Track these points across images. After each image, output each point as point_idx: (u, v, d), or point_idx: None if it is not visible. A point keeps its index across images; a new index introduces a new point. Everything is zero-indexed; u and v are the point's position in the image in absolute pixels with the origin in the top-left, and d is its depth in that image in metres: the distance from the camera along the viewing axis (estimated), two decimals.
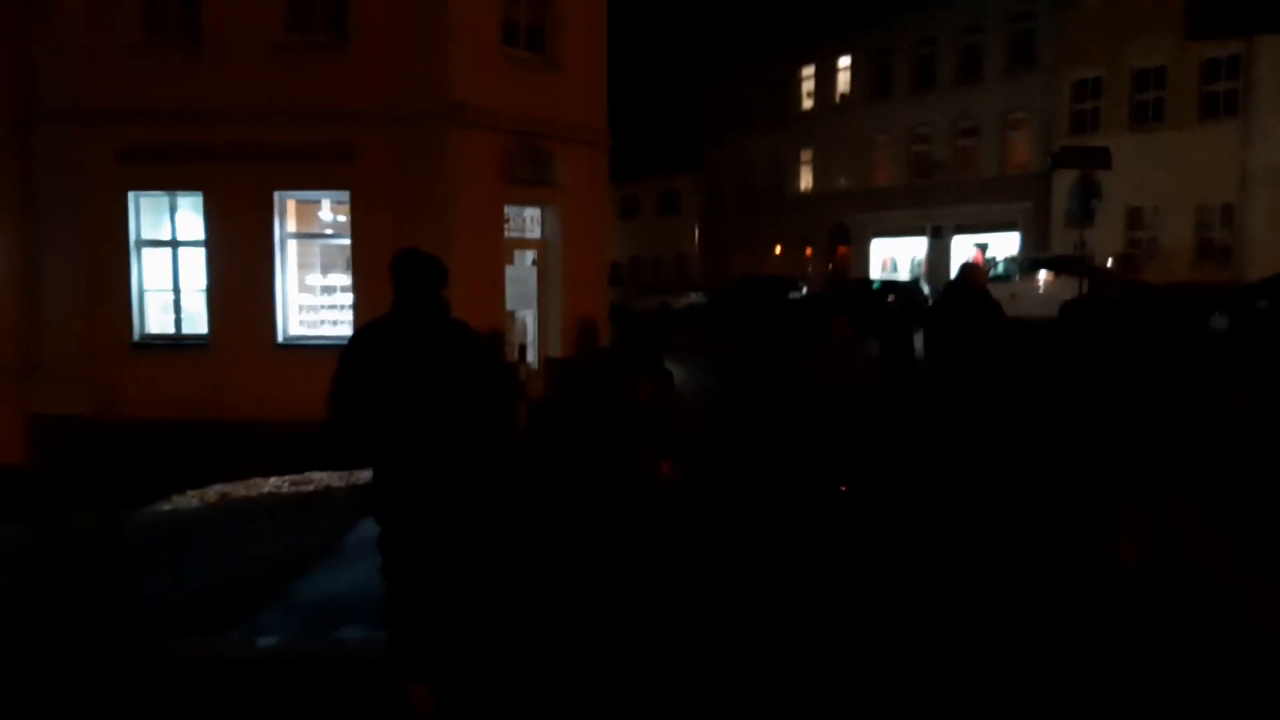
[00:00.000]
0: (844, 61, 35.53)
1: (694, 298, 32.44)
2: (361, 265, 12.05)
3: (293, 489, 8.01)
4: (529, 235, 13.48)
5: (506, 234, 12.92)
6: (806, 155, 37.36)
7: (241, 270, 12.35)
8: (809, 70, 37.03)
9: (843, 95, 35.84)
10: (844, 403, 5.48)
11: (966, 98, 30.70)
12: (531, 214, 13.49)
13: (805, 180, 37.69)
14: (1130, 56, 26.03)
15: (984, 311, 7.33)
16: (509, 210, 13.05)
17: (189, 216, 12.76)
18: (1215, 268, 24.18)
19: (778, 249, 38.12)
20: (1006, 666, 3.89)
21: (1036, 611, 4.25)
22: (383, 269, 3.95)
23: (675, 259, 44.10)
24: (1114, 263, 22.71)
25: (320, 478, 8.24)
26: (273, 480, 8.11)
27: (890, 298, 25.46)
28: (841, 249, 35.57)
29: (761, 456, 5.68)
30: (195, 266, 12.60)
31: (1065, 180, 27.39)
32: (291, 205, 12.84)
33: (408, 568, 3.81)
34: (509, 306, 12.27)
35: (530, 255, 13.42)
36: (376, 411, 3.72)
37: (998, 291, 23.88)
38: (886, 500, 5.27)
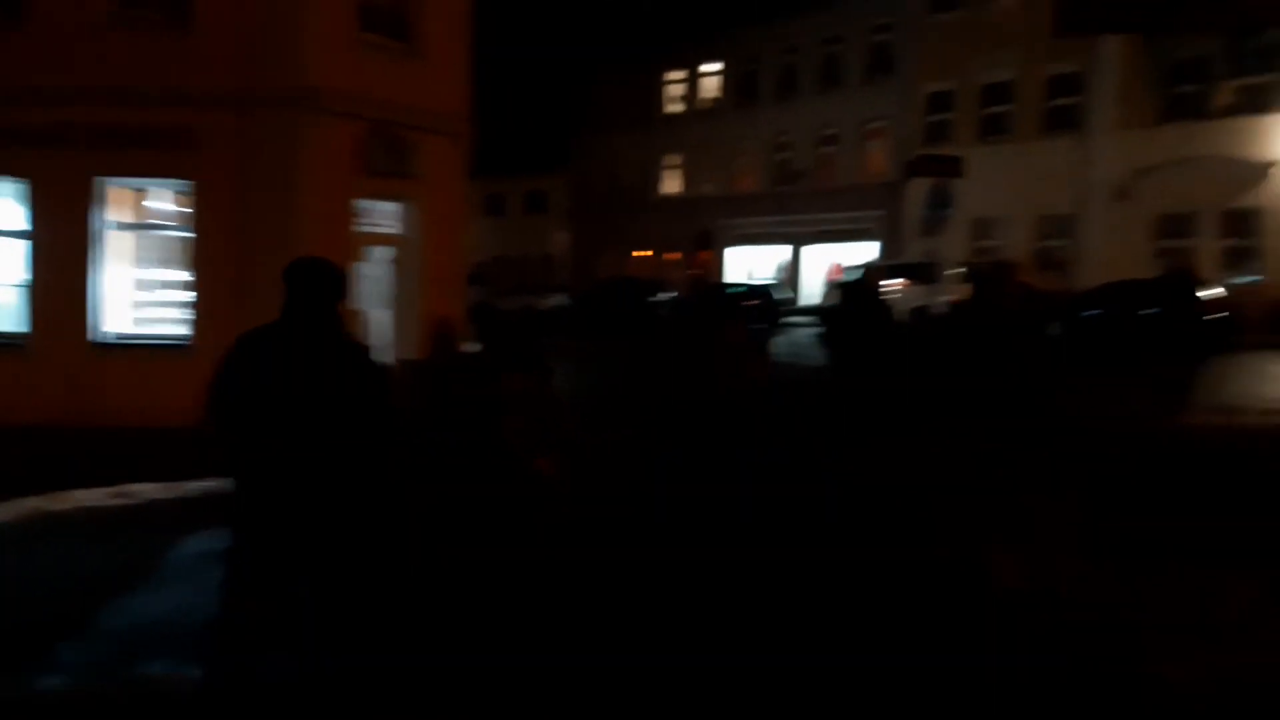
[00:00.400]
0: (712, 67, 35.93)
1: (558, 299, 32.14)
2: (203, 259, 11.24)
3: (112, 502, 7.31)
4: (385, 230, 12.89)
5: (360, 228, 12.31)
6: (674, 159, 37.59)
7: (60, 263, 11.37)
8: (678, 74, 37.29)
9: (711, 100, 36.24)
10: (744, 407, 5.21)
11: (827, 106, 31.49)
12: (388, 208, 12.91)
13: (672, 184, 37.92)
14: (980, 71, 27.20)
15: (883, 315, 7.44)
16: (363, 204, 12.44)
17: (12, 205, 11.69)
18: (1055, 277, 25.48)
19: (644, 252, 38.21)
20: (872, 685, 3.74)
21: (911, 629, 4.13)
22: (225, 263, 3.59)
23: (541, 259, 43.62)
24: (972, 270, 23.60)
25: (143, 490, 7.55)
26: (90, 492, 7.38)
27: (749, 301, 25.82)
28: (703, 254, 35.87)
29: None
30: (17, 259, 11.56)
31: (919, 189, 28.44)
32: (124, 195, 11.92)
33: (258, 586, 3.55)
34: (361, 305, 11.68)
35: (385, 252, 12.83)
36: (252, 423, 3.52)
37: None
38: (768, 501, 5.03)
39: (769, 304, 26.06)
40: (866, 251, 30.10)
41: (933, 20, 28.38)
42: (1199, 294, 18.53)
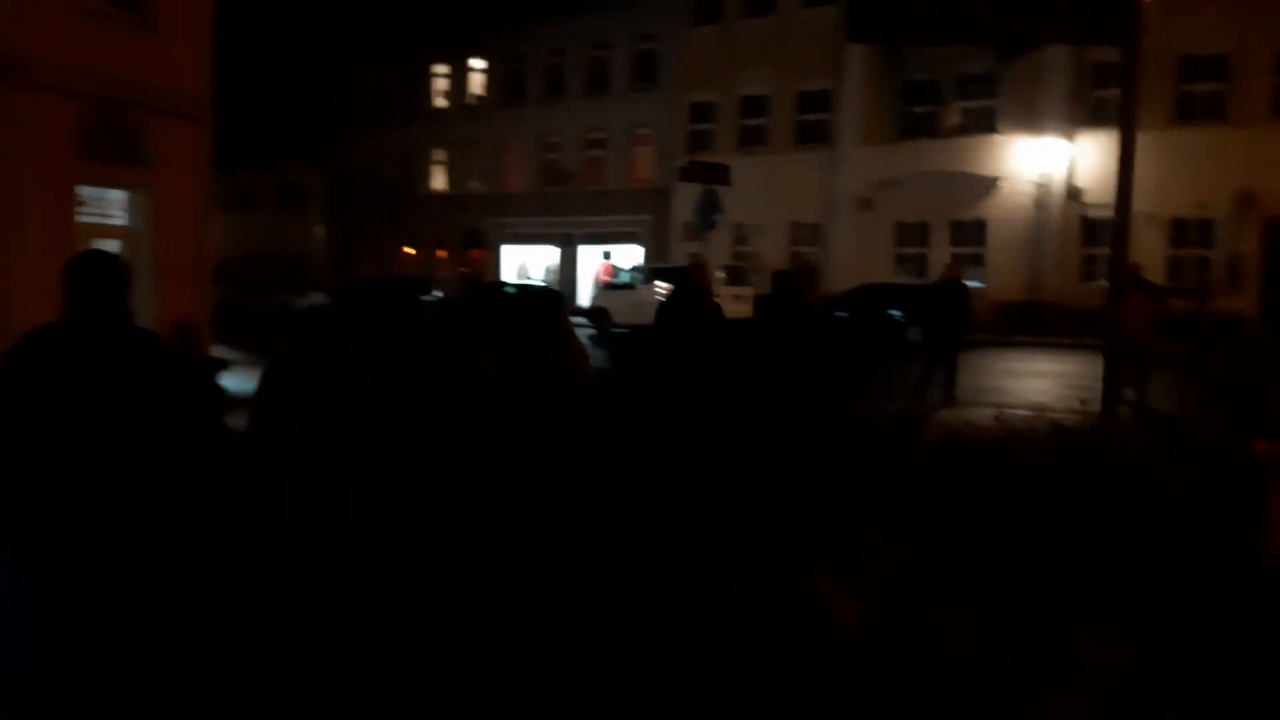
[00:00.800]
0: (477, 63, 35.32)
1: (317, 298, 30.51)
2: None
3: None
4: (114, 222, 11.58)
5: (82, 218, 10.98)
6: (440, 155, 36.66)
7: None
8: (442, 69, 36.38)
9: (476, 97, 35.62)
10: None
11: (595, 110, 31.75)
12: (117, 197, 11.61)
13: (438, 180, 36.98)
14: (739, 84, 28.33)
15: (709, 314, 7.03)
16: (86, 191, 11.11)
17: None
18: None
19: (409, 249, 37.04)
20: None
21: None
22: None
23: (297, 256, 41.25)
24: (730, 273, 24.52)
25: None
26: None
27: None
28: (475, 253, 35.28)
29: None
30: None
31: (685, 195, 29.26)
32: None
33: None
34: None
35: (113, 245, 11.52)
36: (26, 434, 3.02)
37: (624, 298, 25.02)
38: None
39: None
40: (634, 254, 30.61)
41: (695, 33, 29.28)
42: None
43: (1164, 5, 21.91)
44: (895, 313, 20.87)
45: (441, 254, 36.15)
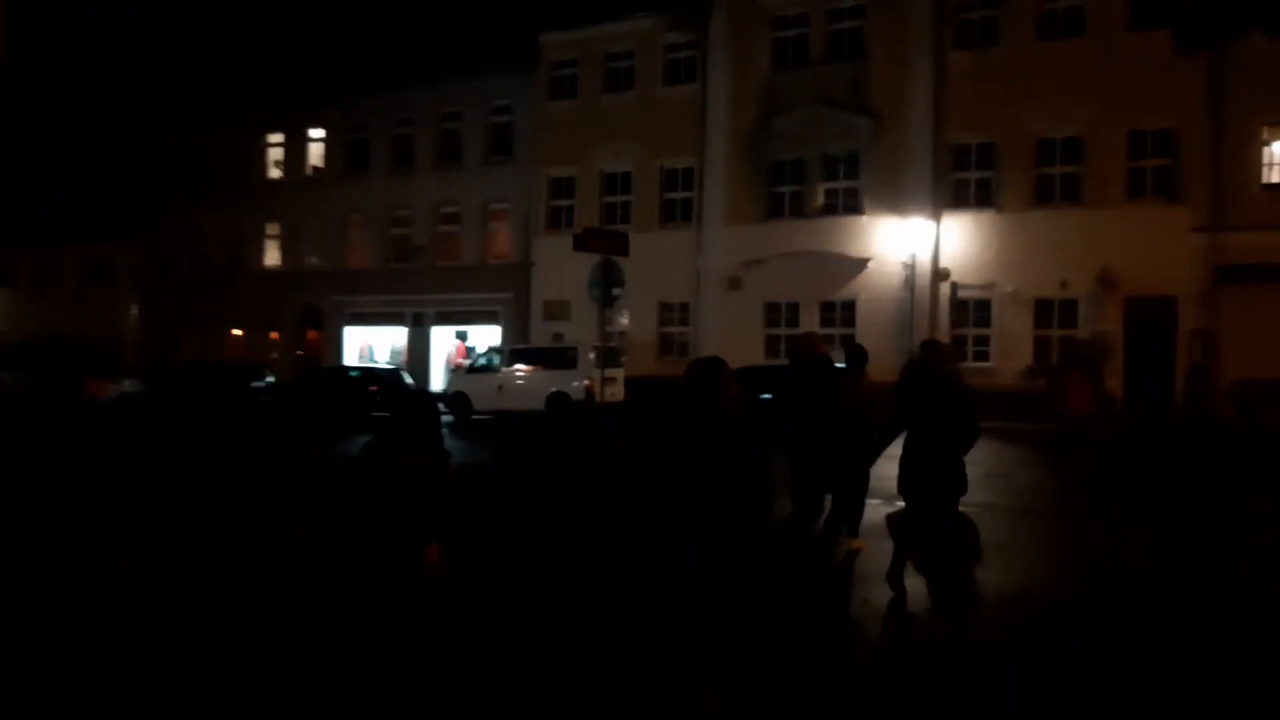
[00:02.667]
0: (316, 132, 33.03)
1: (127, 385, 27.11)
2: None
3: None
4: None
5: None
6: (273, 229, 33.85)
7: None
8: (277, 138, 33.83)
9: (314, 168, 33.24)
10: None
11: (447, 183, 30.02)
12: None
13: (271, 256, 34.08)
14: (601, 160, 27.33)
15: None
16: None
17: None
18: (677, 362, 25.85)
19: (237, 331, 33.80)
20: None
21: None
22: None
23: (107, 338, 37.10)
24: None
25: None
26: None
27: (373, 387, 23.28)
28: (311, 334, 32.50)
29: None
30: None
31: (546, 271, 27.88)
32: None
33: None
34: None
35: None
36: None
37: (485, 382, 23.09)
38: None
39: (396, 389, 23.67)
40: (492, 335, 28.77)
41: (551, 106, 28.20)
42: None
43: (1021, 90, 22.45)
44: (765, 396, 19.93)
45: (274, 336, 33.13)
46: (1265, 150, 21.15)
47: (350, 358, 31.12)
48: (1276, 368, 20.13)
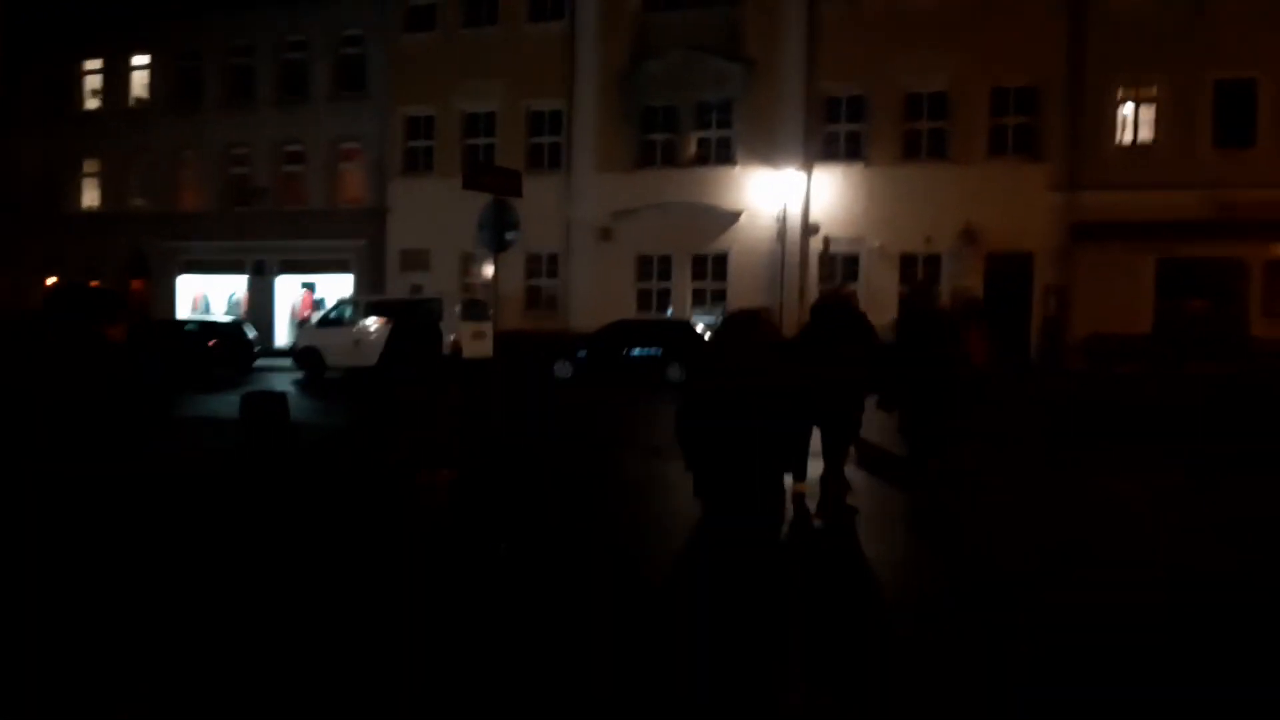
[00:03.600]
0: (140, 60, 29.91)
1: None
2: None
3: None
4: None
5: None
6: (92, 166, 30.63)
7: None
8: (94, 64, 30.48)
9: (139, 99, 30.16)
10: None
11: (292, 119, 27.75)
12: None
13: (90, 197, 30.89)
14: (463, 99, 25.79)
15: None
16: None
17: None
18: (545, 315, 24.93)
19: (53, 279, 30.56)
20: None
21: None
22: None
23: None
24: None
25: None
26: None
27: (211, 342, 21.38)
28: (136, 283, 29.70)
29: None
30: None
31: (402, 218, 26.28)
32: None
33: None
34: None
35: None
36: None
37: (337, 337, 21.55)
38: None
39: (238, 344, 21.83)
40: (344, 285, 26.99)
41: (407, 39, 26.36)
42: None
43: (891, 42, 22.35)
44: (651, 350, 19.43)
45: (94, 284, 30.09)
46: (1120, 111, 21.84)
47: (184, 310, 28.66)
48: (1126, 323, 20.99)
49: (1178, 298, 21.08)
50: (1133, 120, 21.84)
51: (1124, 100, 21.79)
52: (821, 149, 23.31)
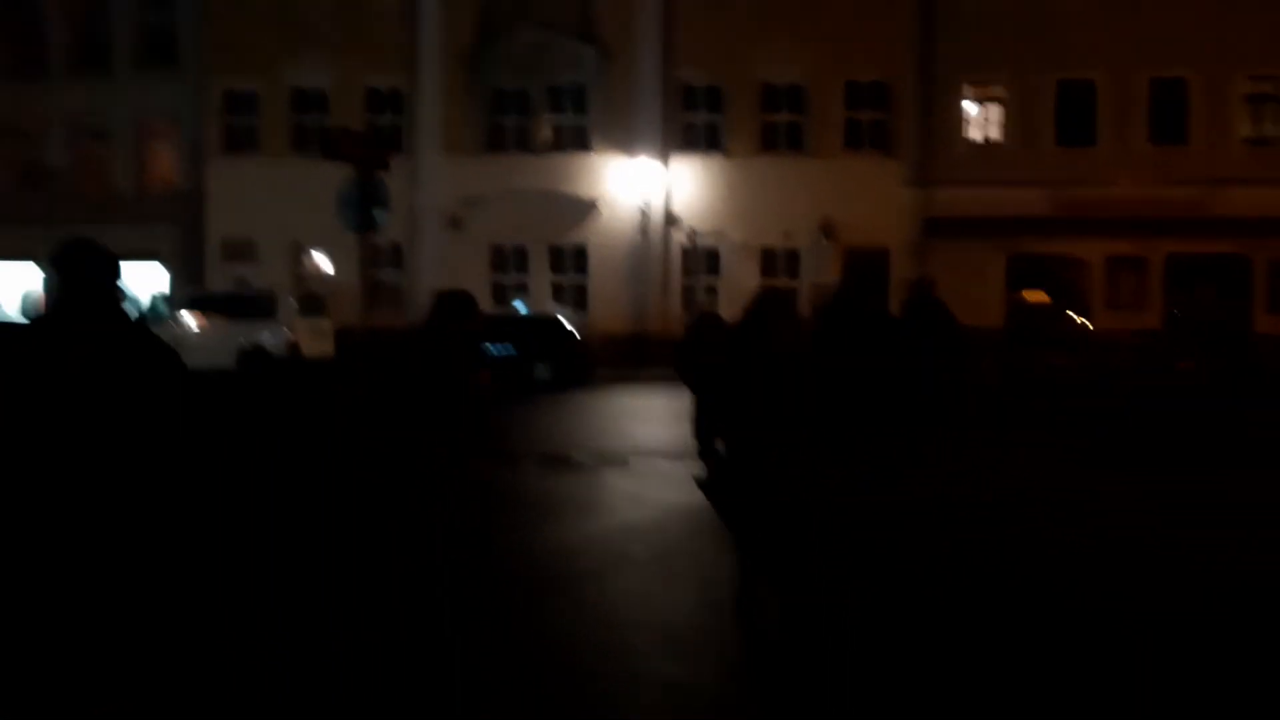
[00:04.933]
0: None
1: None
2: None
3: None
4: None
5: None
6: None
7: None
8: None
9: None
10: None
11: (90, 92, 24.59)
12: None
13: None
14: (290, 72, 23.59)
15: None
16: None
17: None
18: (388, 311, 23.09)
19: None
20: None
21: None
22: None
23: None
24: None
25: None
26: None
27: None
28: None
29: None
30: None
31: (223, 203, 23.79)
32: None
33: None
34: None
35: None
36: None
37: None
38: None
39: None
40: (156, 277, 24.19)
41: (226, 5, 23.88)
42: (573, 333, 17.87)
43: (748, 32, 21.98)
44: (505, 348, 18.15)
45: None
46: (969, 109, 22.32)
47: None
48: (978, 316, 21.36)
49: (1018, 291, 21.72)
50: (981, 118, 22.36)
51: (972, 98, 22.29)
52: (680, 138, 22.71)
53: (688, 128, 22.80)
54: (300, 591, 4.86)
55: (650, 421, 12.83)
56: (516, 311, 21.65)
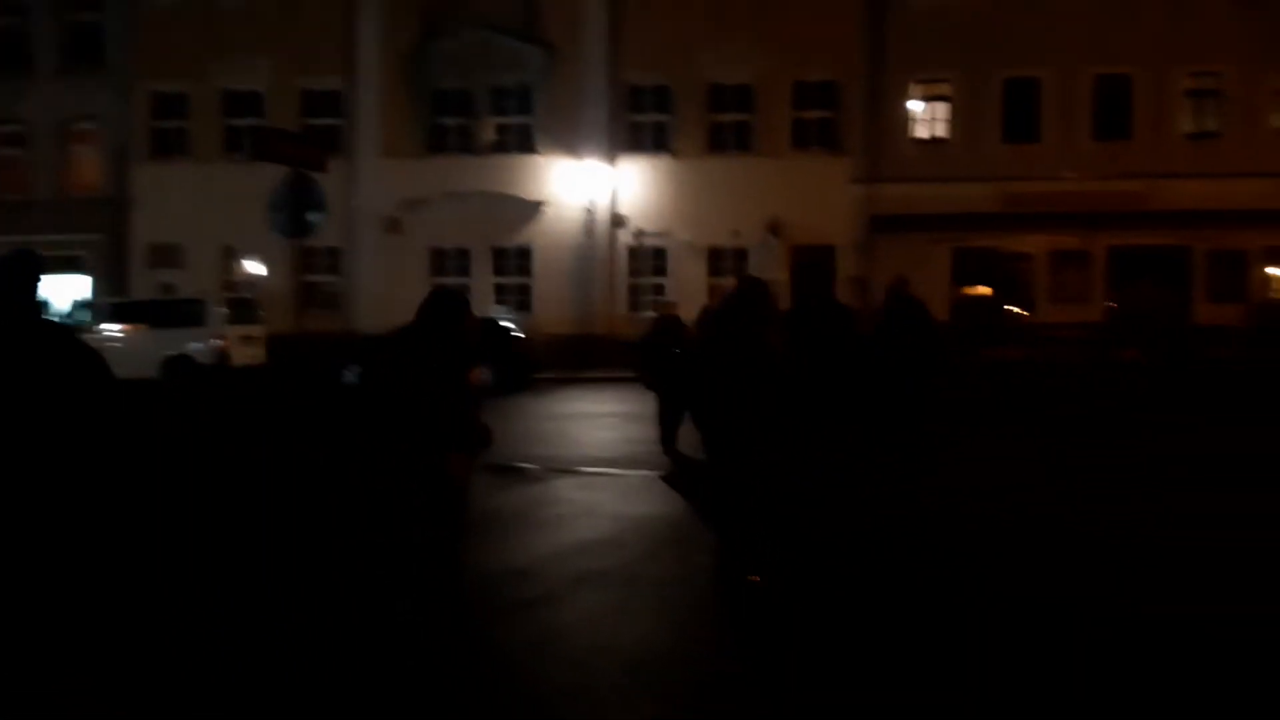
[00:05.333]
0: None
1: None
2: None
3: None
4: None
5: None
6: None
7: None
8: None
9: None
10: None
11: (9, 95, 23.49)
12: None
13: None
14: (222, 74, 22.75)
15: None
16: None
17: None
18: (325, 316, 22.36)
19: None
20: None
21: None
22: None
23: None
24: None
25: None
26: None
27: None
28: None
29: None
30: None
31: (149, 209, 22.85)
32: None
33: None
34: None
35: None
36: None
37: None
38: None
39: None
40: (80, 286, 23.14)
41: (154, 6, 22.98)
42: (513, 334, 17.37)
43: (695, 33, 21.68)
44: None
45: None
46: (916, 107, 22.26)
47: None
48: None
49: (963, 285, 21.76)
50: (928, 116, 22.32)
51: (919, 97, 22.24)
52: (627, 139, 22.33)
53: (635, 128, 22.43)
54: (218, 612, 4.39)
55: (600, 427, 12.43)
56: None
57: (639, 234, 22.15)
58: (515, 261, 22.40)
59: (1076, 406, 12.41)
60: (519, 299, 22.18)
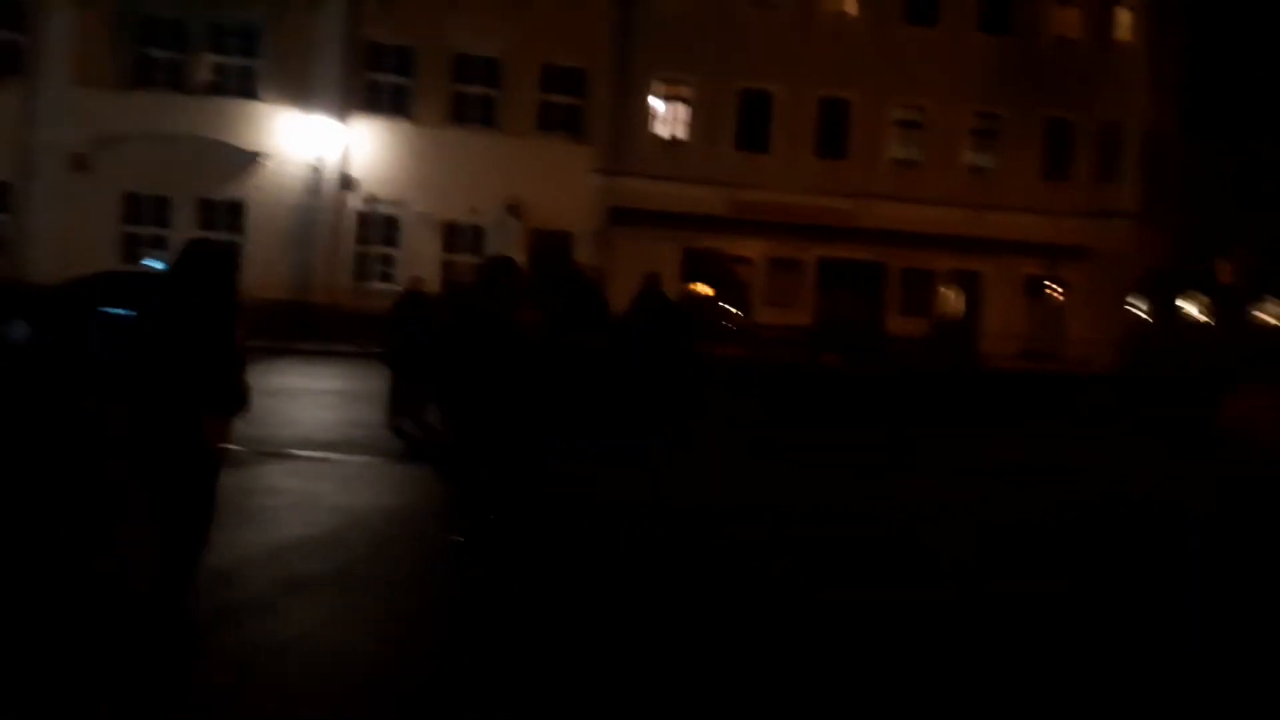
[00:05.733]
0: None
1: None
2: None
3: None
4: None
5: None
6: None
7: None
8: None
9: None
10: None
11: None
12: None
13: None
14: None
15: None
16: None
17: None
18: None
19: None
20: None
21: None
22: None
23: None
24: None
25: None
26: None
27: None
28: None
29: None
30: None
31: None
32: None
33: None
34: None
35: None
36: None
37: None
38: None
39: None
40: None
41: None
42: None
43: None
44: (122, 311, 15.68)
45: None
46: (658, 105, 22.70)
47: None
48: None
49: (691, 283, 22.55)
50: (670, 116, 22.83)
51: (662, 96, 22.70)
52: (363, 98, 21.07)
53: (373, 87, 21.20)
54: None
55: (317, 405, 11.53)
56: (148, 270, 18.88)
57: (370, 200, 20.98)
58: (226, 217, 20.43)
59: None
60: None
